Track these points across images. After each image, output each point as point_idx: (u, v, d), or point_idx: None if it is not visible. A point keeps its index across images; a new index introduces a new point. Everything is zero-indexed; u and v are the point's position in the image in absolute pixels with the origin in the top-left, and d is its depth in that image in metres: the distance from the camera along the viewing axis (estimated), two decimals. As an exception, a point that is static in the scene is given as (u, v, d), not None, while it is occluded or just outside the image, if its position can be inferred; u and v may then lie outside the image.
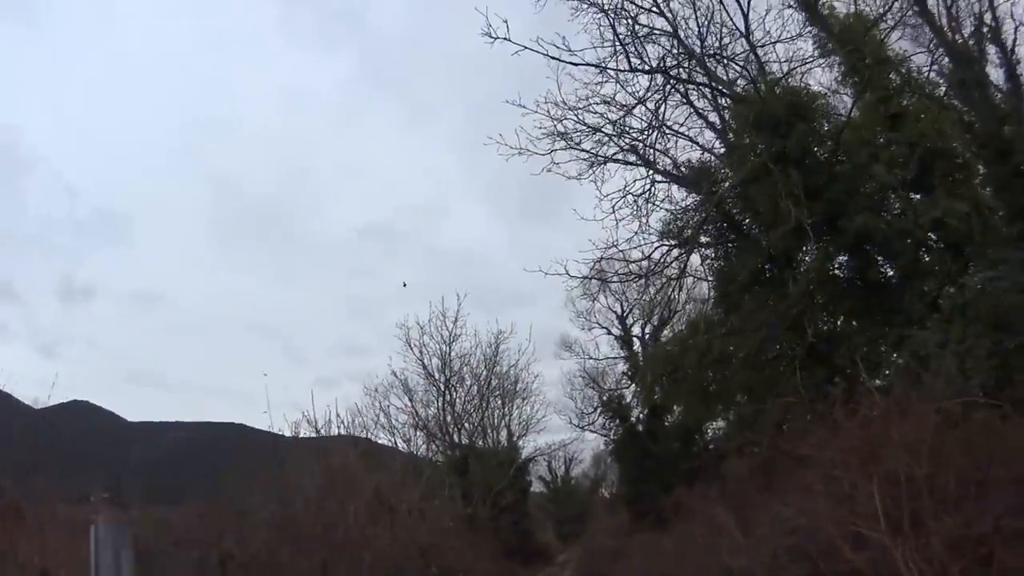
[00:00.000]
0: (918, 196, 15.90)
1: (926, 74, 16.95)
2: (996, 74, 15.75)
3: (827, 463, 8.49)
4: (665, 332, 36.96)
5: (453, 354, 38.13)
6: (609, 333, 38.77)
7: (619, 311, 38.33)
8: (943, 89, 16.63)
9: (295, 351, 62.24)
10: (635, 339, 38.08)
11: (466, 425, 38.68)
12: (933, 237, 14.94)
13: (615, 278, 20.00)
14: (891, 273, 15.42)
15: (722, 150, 19.93)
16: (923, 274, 14.66)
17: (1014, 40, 15.44)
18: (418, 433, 34.63)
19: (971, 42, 15.55)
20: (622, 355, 37.38)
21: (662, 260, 18.99)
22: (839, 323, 15.76)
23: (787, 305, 15.44)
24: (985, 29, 15.57)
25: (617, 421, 34.99)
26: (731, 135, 19.33)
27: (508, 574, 29.83)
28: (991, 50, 15.67)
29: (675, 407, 32.17)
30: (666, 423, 35.22)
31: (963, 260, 13.90)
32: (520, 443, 43.65)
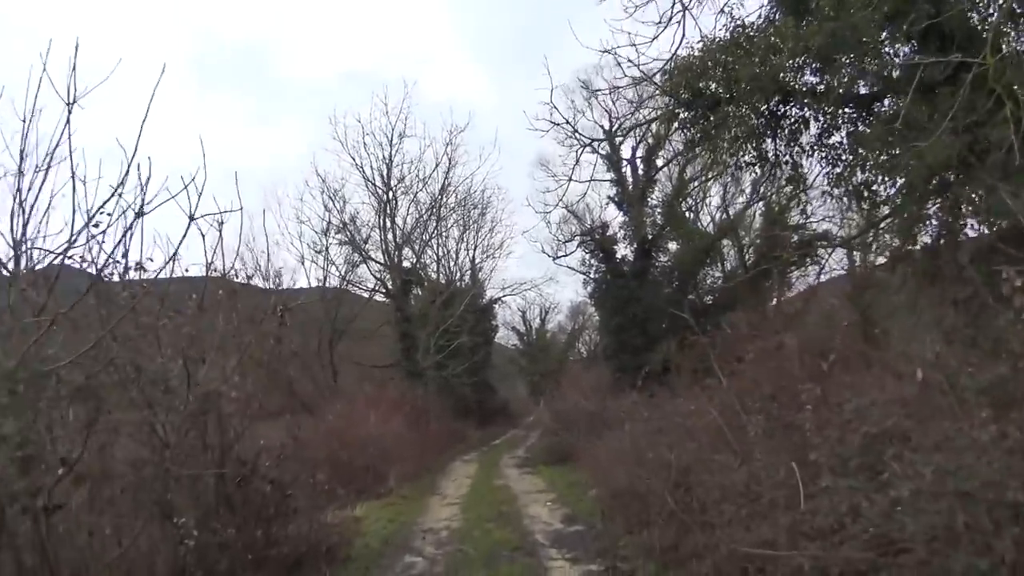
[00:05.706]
0: None
1: None
2: None
3: None
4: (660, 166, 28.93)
5: (398, 158, 29.99)
6: (594, 151, 30.43)
7: (606, 126, 29.81)
8: None
9: (273, 198, 57.70)
10: (624, 162, 29.87)
11: (414, 247, 30.93)
12: None
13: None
14: None
15: None
16: None
17: None
18: (329, 240, 27.27)
19: None
20: (609, 178, 29.09)
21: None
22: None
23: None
24: None
25: (600, 256, 27.60)
26: None
27: (449, 436, 23.49)
28: None
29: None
30: (656, 265, 28.17)
31: None
32: (484, 280, 36.36)
